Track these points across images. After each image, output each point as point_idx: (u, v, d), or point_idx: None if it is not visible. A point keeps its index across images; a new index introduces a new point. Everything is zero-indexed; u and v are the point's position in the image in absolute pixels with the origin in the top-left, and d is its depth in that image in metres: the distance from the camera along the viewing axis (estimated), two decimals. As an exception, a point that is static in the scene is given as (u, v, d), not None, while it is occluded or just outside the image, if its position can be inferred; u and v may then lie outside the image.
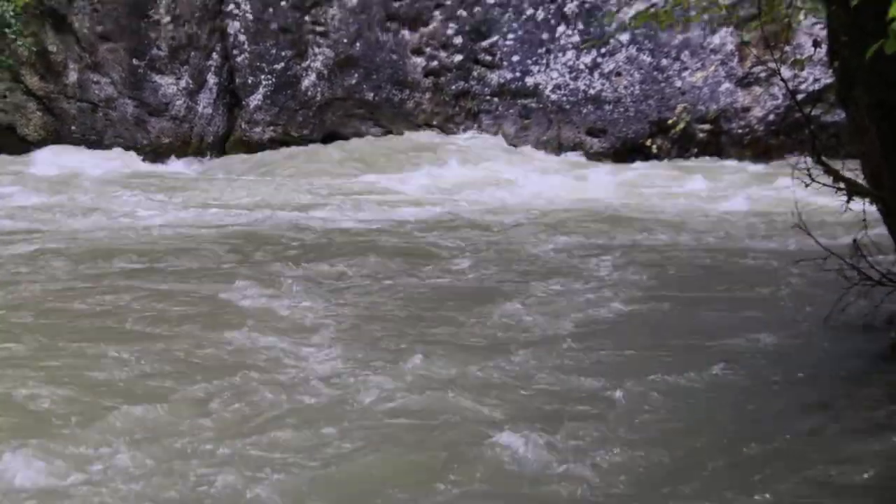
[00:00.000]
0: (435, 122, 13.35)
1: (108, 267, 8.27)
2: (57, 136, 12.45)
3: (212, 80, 13.03)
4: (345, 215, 10.57)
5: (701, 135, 13.17)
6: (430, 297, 7.69)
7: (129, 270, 8.20)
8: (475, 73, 13.40)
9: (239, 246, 9.11)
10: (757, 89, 13.53)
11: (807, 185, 7.50)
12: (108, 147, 12.44)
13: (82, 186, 11.53)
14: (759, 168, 12.98)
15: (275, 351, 6.34)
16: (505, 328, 6.95)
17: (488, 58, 13.24)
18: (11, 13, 11.94)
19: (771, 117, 13.22)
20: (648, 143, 13.08)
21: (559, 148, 13.22)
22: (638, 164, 13.20)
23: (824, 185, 7.14)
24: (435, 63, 13.12)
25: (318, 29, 13.02)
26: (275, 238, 9.37)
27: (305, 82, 13.11)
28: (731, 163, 13.23)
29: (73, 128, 12.59)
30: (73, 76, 12.59)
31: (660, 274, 8.34)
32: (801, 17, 12.98)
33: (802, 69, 12.50)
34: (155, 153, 12.46)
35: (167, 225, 9.81)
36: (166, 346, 6.33)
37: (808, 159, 7.40)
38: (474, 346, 6.59)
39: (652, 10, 13.62)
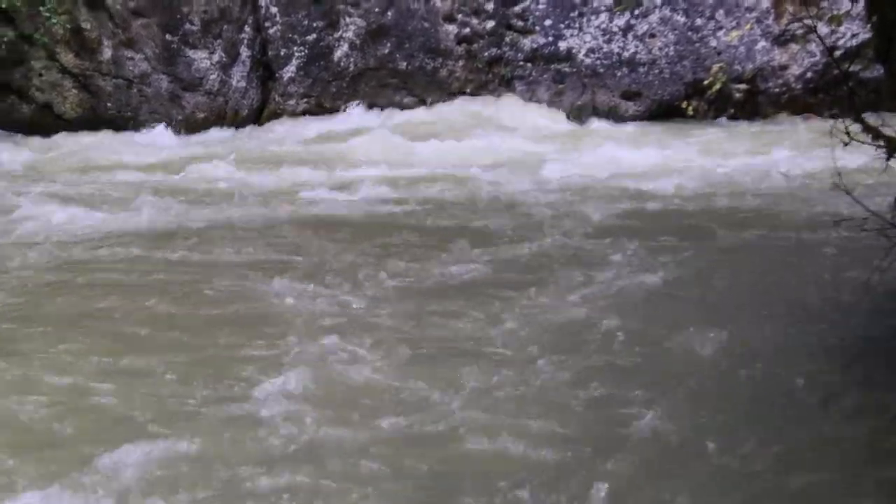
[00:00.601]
0: (468, 90, 12.69)
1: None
2: (93, 112, 11.78)
3: (245, 53, 12.36)
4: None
5: (737, 95, 12.74)
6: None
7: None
8: (507, 39, 12.86)
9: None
10: (794, 47, 13.04)
11: (845, 144, 7.30)
12: (143, 123, 11.63)
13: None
14: (792, 131, 12.23)
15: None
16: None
17: (520, 23, 12.72)
18: None
19: (809, 75, 12.83)
20: (684, 104, 12.05)
21: (594, 112, 12.43)
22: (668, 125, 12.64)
23: (864, 142, 7.24)
24: (467, 30, 12.59)
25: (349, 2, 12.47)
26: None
27: (338, 53, 12.54)
28: (763, 125, 12.63)
29: (108, 104, 11.83)
30: (107, 53, 11.87)
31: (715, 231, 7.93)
32: None
33: (840, 25, 12.05)
34: (189, 127, 11.69)
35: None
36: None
37: (847, 118, 7.37)
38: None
39: None
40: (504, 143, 11.61)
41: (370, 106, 12.76)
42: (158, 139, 11.95)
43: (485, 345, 5.64)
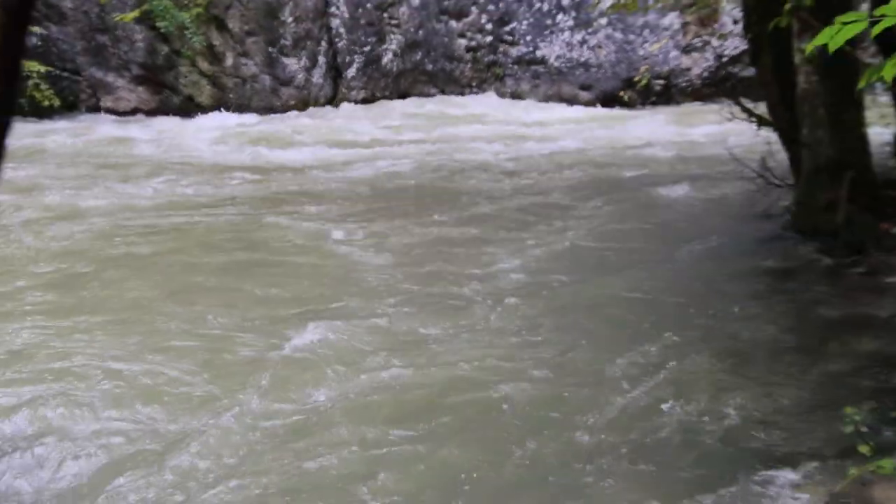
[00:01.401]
0: (474, 84, 16.02)
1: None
2: (221, 102, 14.96)
3: (321, 60, 15.60)
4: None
5: (657, 88, 15.57)
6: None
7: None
8: (500, 49, 16.05)
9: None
10: (695, 55, 15.78)
11: (729, 120, 8.41)
12: (254, 108, 14.88)
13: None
14: (696, 111, 14.69)
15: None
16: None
17: (510, 38, 15.91)
18: (188, 20, 14.48)
19: (705, 74, 15.54)
20: (622, 94, 15.50)
21: (560, 99, 15.45)
22: (611, 111, 15.43)
23: (742, 119, 8.35)
24: (473, 42, 15.95)
25: (393, 22, 15.89)
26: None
27: (385, 59, 15.99)
28: (677, 108, 15.53)
29: (231, 96, 15.04)
30: (230, 60, 15.09)
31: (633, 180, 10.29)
32: (725, 3, 15.10)
33: (725, 40, 15.50)
34: (284, 110, 15.13)
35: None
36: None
37: (736, 104, 8.41)
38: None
39: (622, 1, 16.73)
40: (494, 127, 14.37)
41: (403, 96, 15.91)
42: (251, 120, 14.86)
43: (467, 278, 6.88)
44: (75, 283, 7.05)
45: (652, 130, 13.71)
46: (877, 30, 2.63)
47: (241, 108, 15.28)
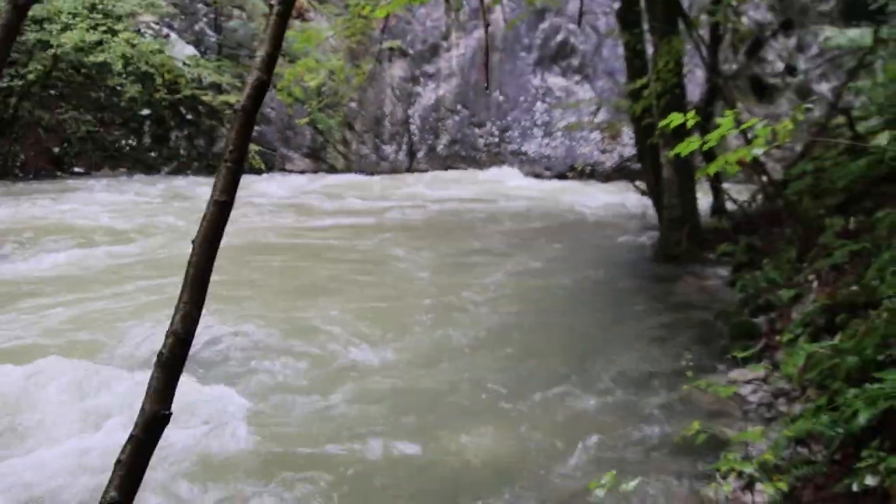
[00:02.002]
0: (487, 164, 21.59)
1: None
2: (349, 167, 21.05)
3: (404, 147, 21.48)
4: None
5: (588, 170, 20.71)
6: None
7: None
8: (502, 146, 21.70)
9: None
10: (608, 154, 21.14)
11: (628, 189, 13.09)
12: (366, 172, 20.88)
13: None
14: (608, 186, 18.04)
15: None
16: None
17: (508, 139, 21.66)
18: (333, 124, 20.56)
19: (613, 165, 20.52)
20: (568, 174, 20.92)
21: (535, 175, 20.80)
22: (562, 182, 20.12)
23: (637, 190, 11.53)
24: (488, 141, 21.68)
25: (443, 127, 21.55)
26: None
27: (439, 148, 21.78)
28: (598, 183, 19.68)
29: (354, 164, 21.15)
30: (354, 146, 21.02)
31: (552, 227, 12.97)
32: (624, 128, 19.59)
33: (625, 147, 20.21)
34: (381, 174, 21.75)
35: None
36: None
37: (630, 182, 12.22)
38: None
39: (569, 124, 21.44)
40: (498, 184, 19.34)
41: (447, 168, 21.43)
42: (365, 179, 20.14)
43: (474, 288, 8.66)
44: (276, 269, 9.48)
45: (583, 194, 17.28)
46: (705, 147, 3.62)
47: (359, 171, 21.12)
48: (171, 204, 14.83)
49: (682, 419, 4.78)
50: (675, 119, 3.56)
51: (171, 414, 1.71)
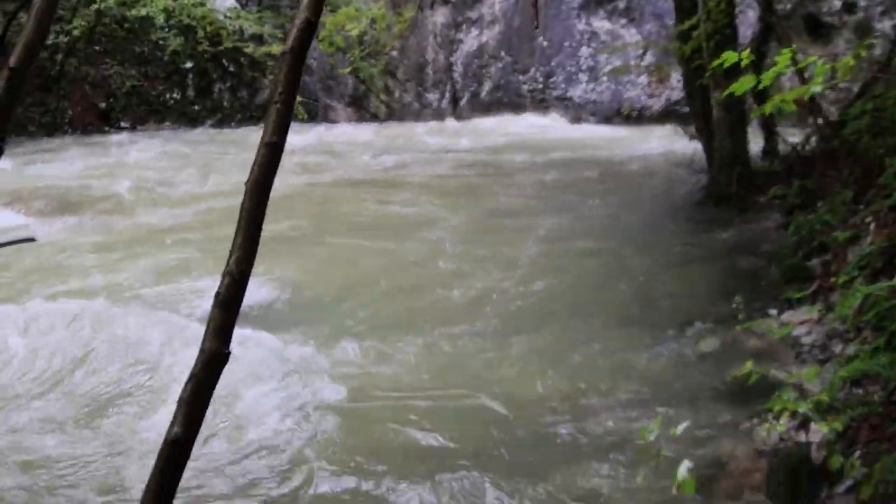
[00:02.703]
0: (530, 110, 21.26)
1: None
2: (391, 116, 21.09)
3: (447, 94, 21.44)
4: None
5: (634, 115, 20.21)
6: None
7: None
8: (546, 91, 21.38)
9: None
10: (655, 98, 20.60)
11: (676, 132, 12.60)
12: (408, 120, 21.00)
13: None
14: (656, 130, 17.14)
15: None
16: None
17: (552, 85, 21.32)
18: (375, 72, 20.74)
19: (661, 109, 20.27)
20: (614, 118, 20.43)
21: (578, 121, 20.53)
22: (608, 127, 20.13)
23: (686, 133, 11.57)
24: (531, 87, 21.41)
25: (487, 74, 21.27)
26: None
27: (482, 94, 21.60)
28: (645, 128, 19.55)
29: (396, 113, 21.28)
30: (396, 94, 21.18)
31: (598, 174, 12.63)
32: (672, 71, 18.60)
33: (673, 90, 19.74)
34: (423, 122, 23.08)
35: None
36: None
37: (679, 126, 12.59)
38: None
39: (619, 64, 21.63)
40: (542, 130, 19.20)
41: (492, 115, 20.89)
42: (410, 127, 20.35)
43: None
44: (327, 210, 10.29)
45: (630, 139, 17.02)
46: (760, 86, 3.45)
47: (401, 119, 21.12)
48: (224, 154, 14.90)
49: (732, 362, 4.74)
50: (730, 57, 3.46)
51: (230, 353, 1.76)
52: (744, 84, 3.43)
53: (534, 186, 11.63)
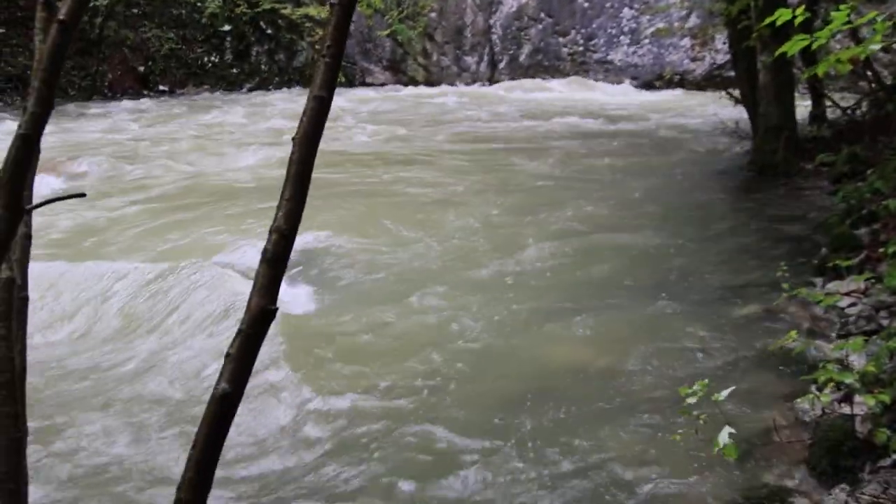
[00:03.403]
0: (571, 73, 21.28)
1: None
2: (429, 80, 21.07)
3: (486, 58, 21.32)
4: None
5: (676, 79, 20.23)
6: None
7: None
8: (587, 55, 21.39)
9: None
10: (698, 62, 20.61)
11: (721, 97, 12.21)
12: (447, 83, 21.33)
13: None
14: (699, 95, 18.14)
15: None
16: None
17: (593, 48, 21.26)
18: (414, 35, 20.71)
19: (705, 73, 20.31)
20: (656, 83, 20.54)
21: (620, 84, 20.50)
22: (650, 91, 20.20)
23: (730, 98, 11.36)
24: (571, 50, 21.33)
25: (526, 37, 21.26)
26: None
27: (521, 58, 21.52)
28: (688, 92, 19.72)
29: (434, 77, 21.23)
30: (435, 57, 21.21)
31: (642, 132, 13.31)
32: (716, 34, 19.21)
33: (717, 53, 19.94)
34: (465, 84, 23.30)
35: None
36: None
37: (723, 90, 12.06)
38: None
39: (662, 26, 22.70)
40: (584, 95, 19.56)
41: (531, 79, 21.06)
42: (448, 91, 20.42)
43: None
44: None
45: (673, 103, 17.38)
46: (814, 46, 3.33)
47: (439, 83, 21.11)
48: (264, 115, 15.03)
49: (777, 332, 4.69)
50: (784, 14, 3.35)
51: (276, 309, 1.77)
52: (797, 44, 3.31)
53: (574, 155, 11.48)
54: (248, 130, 13.85)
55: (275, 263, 1.75)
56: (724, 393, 3.40)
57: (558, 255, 6.63)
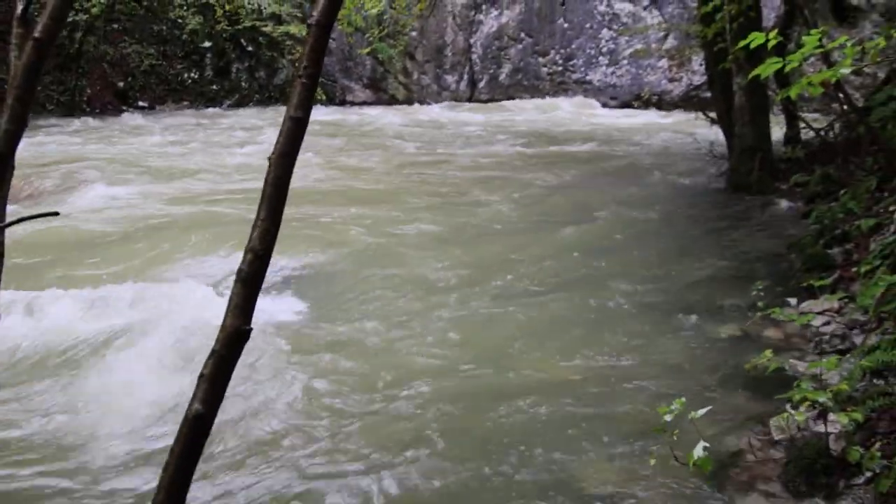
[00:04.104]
0: (550, 93, 21.46)
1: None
2: (409, 99, 21.10)
3: (465, 76, 21.54)
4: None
5: (654, 100, 20.43)
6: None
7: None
8: (566, 74, 21.54)
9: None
10: (676, 83, 20.96)
11: (697, 118, 12.60)
12: (428, 102, 21.37)
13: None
14: (676, 115, 18.76)
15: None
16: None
17: (572, 68, 21.42)
18: (394, 54, 20.69)
19: (681, 93, 20.68)
20: (634, 103, 20.80)
21: (599, 104, 20.66)
22: (628, 111, 20.53)
23: (706, 119, 11.25)
24: (551, 70, 21.52)
25: (506, 57, 21.39)
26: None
27: (501, 77, 21.65)
28: (665, 112, 19.95)
29: (415, 95, 21.32)
30: (415, 76, 21.27)
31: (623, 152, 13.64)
32: (693, 55, 19.63)
33: (694, 75, 20.41)
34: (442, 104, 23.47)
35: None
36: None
37: (699, 111, 12.48)
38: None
39: (640, 47, 23.07)
40: (562, 115, 19.83)
41: (510, 98, 21.31)
42: (433, 108, 20.71)
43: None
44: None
45: (650, 124, 17.61)
46: (787, 69, 3.31)
47: (420, 102, 21.29)
48: (241, 133, 14.94)
49: (752, 350, 4.72)
50: (757, 38, 3.40)
51: (251, 329, 1.76)
52: (770, 66, 3.35)
53: (552, 175, 11.50)
54: (226, 147, 13.68)
55: (250, 283, 1.74)
56: (701, 412, 3.41)
57: (534, 276, 6.64)
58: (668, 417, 3.19)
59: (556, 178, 11.28)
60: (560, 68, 21.93)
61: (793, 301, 5.49)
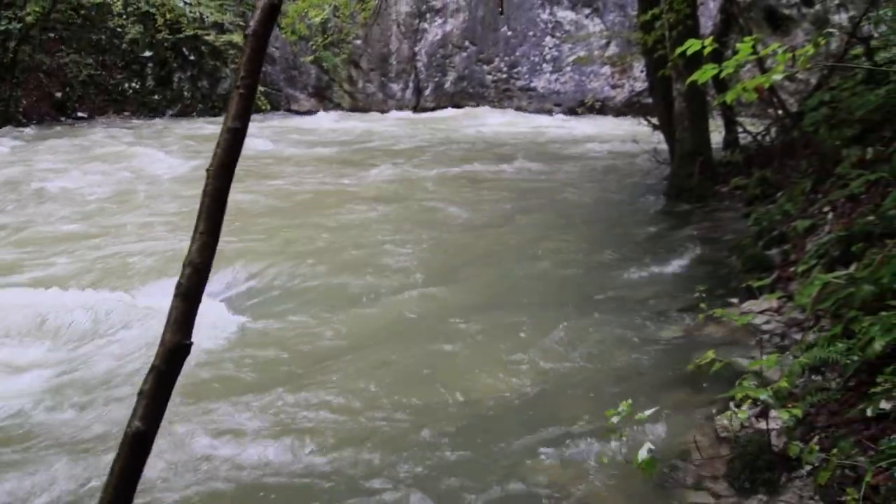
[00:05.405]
0: (495, 101, 21.62)
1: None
2: (355, 107, 21.00)
3: (411, 84, 21.45)
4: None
5: (598, 106, 20.84)
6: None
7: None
8: (511, 82, 21.64)
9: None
10: (618, 89, 21.28)
11: (640, 123, 12.94)
12: (373, 110, 21.38)
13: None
14: (619, 121, 19.31)
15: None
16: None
17: (516, 75, 21.57)
18: (339, 62, 20.58)
19: (624, 100, 20.94)
20: (578, 109, 20.99)
21: (543, 111, 20.86)
22: (571, 117, 20.53)
23: (648, 124, 11.50)
24: (495, 77, 21.63)
25: (451, 65, 21.41)
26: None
27: (446, 85, 21.75)
28: (608, 118, 20.65)
29: (360, 103, 21.17)
30: (360, 84, 21.15)
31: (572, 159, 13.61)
32: (635, 62, 19.99)
33: (636, 81, 20.77)
34: (389, 111, 23.31)
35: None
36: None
37: (641, 117, 12.76)
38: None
39: (579, 56, 24.16)
40: (505, 122, 19.76)
41: (456, 106, 21.41)
42: (378, 117, 20.47)
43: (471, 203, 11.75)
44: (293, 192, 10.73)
45: (596, 129, 17.79)
46: (723, 74, 3.41)
47: (365, 110, 21.16)
48: (185, 143, 14.69)
49: (696, 350, 4.79)
50: (693, 45, 3.48)
51: (191, 344, 1.73)
52: (706, 73, 3.43)
53: (495, 182, 11.57)
54: (167, 159, 13.43)
55: (189, 297, 1.71)
56: (648, 412, 3.46)
57: (480, 280, 6.67)
58: (615, 419, 3.22)
59: (498, 186, 11.41)
60: (504, 76, 22.06)
61: (735, 300, 5.60)
